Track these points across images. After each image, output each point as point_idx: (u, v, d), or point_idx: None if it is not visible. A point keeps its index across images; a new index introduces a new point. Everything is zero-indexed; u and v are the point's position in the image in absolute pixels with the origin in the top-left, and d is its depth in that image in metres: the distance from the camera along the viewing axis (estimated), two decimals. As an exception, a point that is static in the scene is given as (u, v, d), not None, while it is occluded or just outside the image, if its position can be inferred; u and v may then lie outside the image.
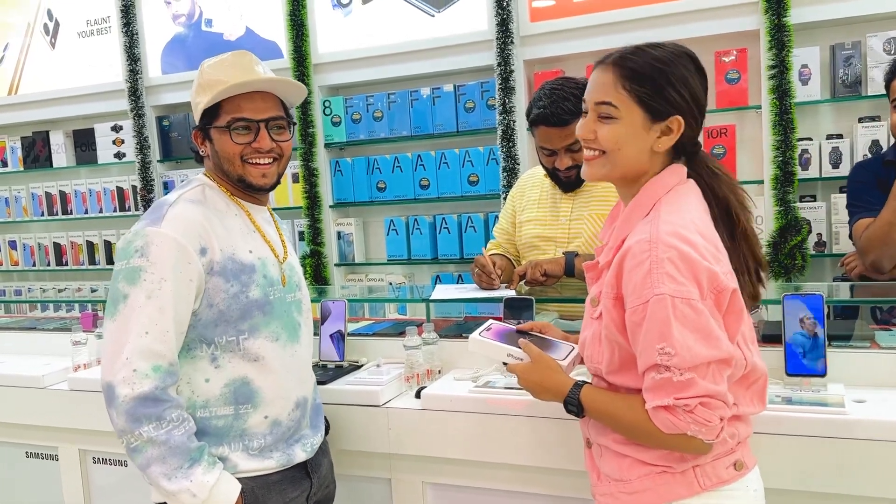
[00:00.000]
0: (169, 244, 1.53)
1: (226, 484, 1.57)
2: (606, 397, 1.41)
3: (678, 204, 1.36)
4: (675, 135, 1.38)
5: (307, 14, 4.08)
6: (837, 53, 3.25)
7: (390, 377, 2.09)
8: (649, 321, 1.28)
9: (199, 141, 1.71)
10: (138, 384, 1.48)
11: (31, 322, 3.31)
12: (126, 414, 1.48)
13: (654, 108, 1.37)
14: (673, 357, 1.26)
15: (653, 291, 1.27)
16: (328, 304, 2.32)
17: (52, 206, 4.95)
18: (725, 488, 1.36)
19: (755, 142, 3.43)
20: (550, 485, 1.86)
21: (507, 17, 3.65)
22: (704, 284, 1.27)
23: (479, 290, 2.39)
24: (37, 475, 2.61)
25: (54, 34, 4.83)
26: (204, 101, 1.63)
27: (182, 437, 1.51)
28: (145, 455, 1.50)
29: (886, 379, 1.81)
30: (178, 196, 1.63)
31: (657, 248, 1.28)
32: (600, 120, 1.40)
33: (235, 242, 1.63)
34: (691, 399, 1.26)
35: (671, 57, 1.38)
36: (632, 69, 1.38)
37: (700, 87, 1.40)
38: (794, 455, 1.62)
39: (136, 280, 1.51)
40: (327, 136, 4.16)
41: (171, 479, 1.49)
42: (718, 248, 1.34)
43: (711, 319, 1.27)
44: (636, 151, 1.39)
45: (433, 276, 4.10)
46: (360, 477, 2.08)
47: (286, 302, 1.71)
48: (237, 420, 1.63)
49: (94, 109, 4.70)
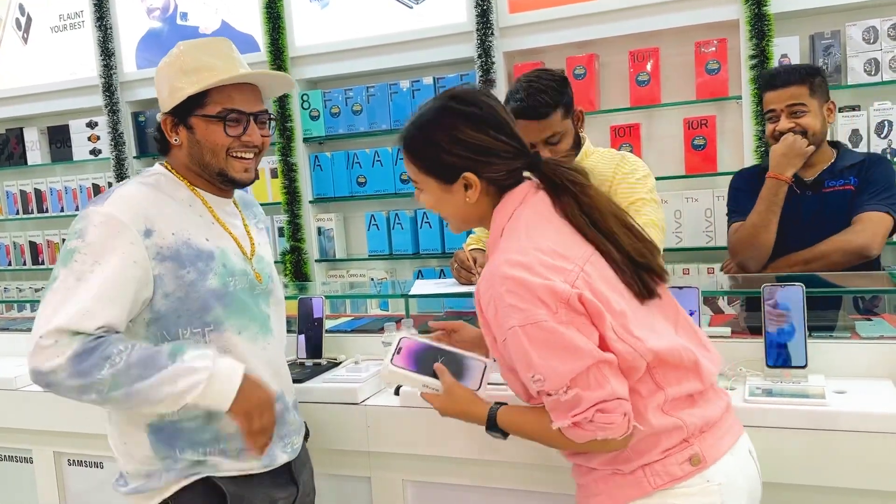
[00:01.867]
0: (108, 223, 1.45)
1: (227, 359, 1.49)
2: (520, 417, 1.43)
3: (515, 229, 1.38)
4: (476, 187, 1.41)
5: (283, 6, 4.02)
6: (817, 43, 3.24)
7: (369, 374, 2.07)
8: (514, 355, 1.31)
9: (169, 128, 1.60)
10: (66, 348, 1.38)
11: (6, 322, 3.27)
12: (74, 377, 1.38)
13: (440, 175, 1.42)
14: (545, 382, 1.29)
15: (505, 328, 1.30)
16: (306, 300, 2.29)
17: (27, 205, 4.87)
18: (680, 485, 1.33)
19: (736, 132, 3.42)
20: (530, 480, 1.85)
21: (486, 9, 3.61)
22: (549, 301, 1.28)
23: (459, 284, 2.37)
24: (11, 478, 2.57)
25: (26, 29, 4.75)
26: (189, 86, 1.53)
27: (141, 352, 1.41)
28: (122, 389, 1.39)
29: (867, 369, 1.81)
30: (130, 181, 1.58)
31: (494, 284, 1.31)
32: (417, 190, 1.50)
33: (190, 229, 1.55)
34: (586, 412, 1.28)
35: (434, 117, 1.43)
36: (409, 144, 1.46)
37: (477, 134, 1.39)
38: (775, 447, 1.61)
39: (68, 261, 1.43)
40: (306, 130, 4.11)
41: (161, 375, 1.39)
42: (564, 255, 1.33)
43: (567, 332, 1.27)
44: (454, 209, 1.46)
45: (415, 271, 4.08)
46: (339, 476, 2.06)
47: (253, 294, 1.64)
48: (210, 422, 1.55)
49: (68, 105, 4.62)
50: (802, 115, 2.34)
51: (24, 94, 4.72)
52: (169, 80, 1.57)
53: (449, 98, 1.44)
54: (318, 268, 4.22)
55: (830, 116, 2.41)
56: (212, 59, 1.55)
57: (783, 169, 2.34)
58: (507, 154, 1.41)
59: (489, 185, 1.42)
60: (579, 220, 1.38)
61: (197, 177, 1.63)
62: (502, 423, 1.44)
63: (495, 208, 1.43)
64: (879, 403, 1.63)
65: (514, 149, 1.42)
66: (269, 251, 1.79)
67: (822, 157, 2.42)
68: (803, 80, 2.35)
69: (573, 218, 1.39)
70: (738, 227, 2.44)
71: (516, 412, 1.44)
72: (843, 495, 1.62)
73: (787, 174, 2.34)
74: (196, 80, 1.53)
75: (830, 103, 2.40)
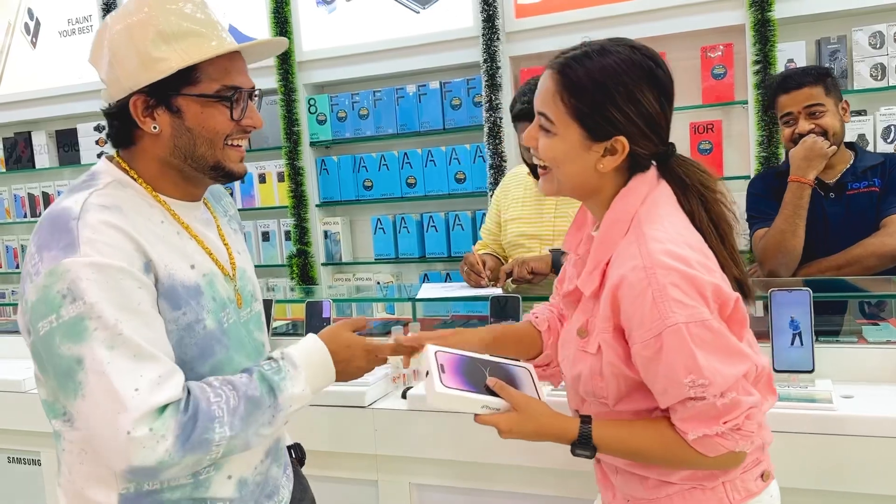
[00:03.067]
0: (103, 272, 1.11)
1: (298, 352, 1.29)
2: (624, 431, 1.27)
3: (657, 215, 1.24)
4: (619, 156, 1.25)
5: (291, 11, 4.04)
6: (823, 48, 3.25)
7: (376, 378, 2.07)
8: (668, 355, 1.16)
9: (140, 112, 1.22)
10: (166, 428, 1.11)
11: (13, 325, 3.28)
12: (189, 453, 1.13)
13: (592, 127, 1.23)
14: (708, 387, 1.16)
15: (664, 323, 1.16)
16: (313, 304, 2.30)
17: (34, 208, 4.89)
18: (753, 501, 1.30)
19: (742, 137, 3.42)
20: (538, 484, 1.85)
21: (492, 13, 3.62)
22: (710, 299, 1.18)
23: (466, 288, 2.38)
24: (19, 481, 2.58)
25: (35, 33, 4.78)
26: (176, 57, 1.19)
27: (244, 400, 1.19)
28: (238, 443, 1.19)
29: (874, 374, 1.81)
30: (83, 203, 1.17)
31: (655, 273, 1.16)
32: (541, 129, 1.28)
33: (171, 259, 1.22)
34: (738, 418, 1.19)
35: (621, 68, 1.22)
36: (572, 80, 1.23)
37: (654, 102, 1.23)
38: (782, 452, 1.60)
39: (83, 334, 1.09)
40: (312, 134, 4.13)
41: (275, 415, 1.22)
42: (707, 256, 1.23)
43: (727, 334, 1.19)
44: (578, 169, 1.27)
45: (421, 275, 4.08)
46: (346, 479, 2.06)
47: (241, 322, 1.35)
48: (197, 490, 1.26)
49: (76, 109, 4.64)
50: (822, 116, 2.32)
51: (32, 97, 4.74)
52: (139, 48, 1.19)
53: (639, 50, 1.25)
54: (324, 271, 4.23)
55: (846, 116, 2.37)
56: (193, 25, 1.22)
57: (805, 172, 2.30)
58: (664, 135, 1.27)
59: (628, 159, 1.26)
60: (707, 229, 1.26)
61: (171, 175, 1.28)
62: (599, 438, 1.26)
63: (623, 189, 1.27)
64: (887, 408, 1.63)
65: (667, 132, 1.28)
66: (249, 259, 1.46)
67: (841, 158, 2.39)
68: (817, 80, 2.33)
69: (700, 223, 1.26)
70: (764, 234, 2.39)
71: (616, 425, 1.28)
72: (851, 500, 1.61)
73: (809, 177, 2.30)
74: (184, 50, 1.19)
75: (844, 102, 2.38)
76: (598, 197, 1.31)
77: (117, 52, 1.21)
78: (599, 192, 1.30)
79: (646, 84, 1.23)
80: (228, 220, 1.46)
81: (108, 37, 1.23)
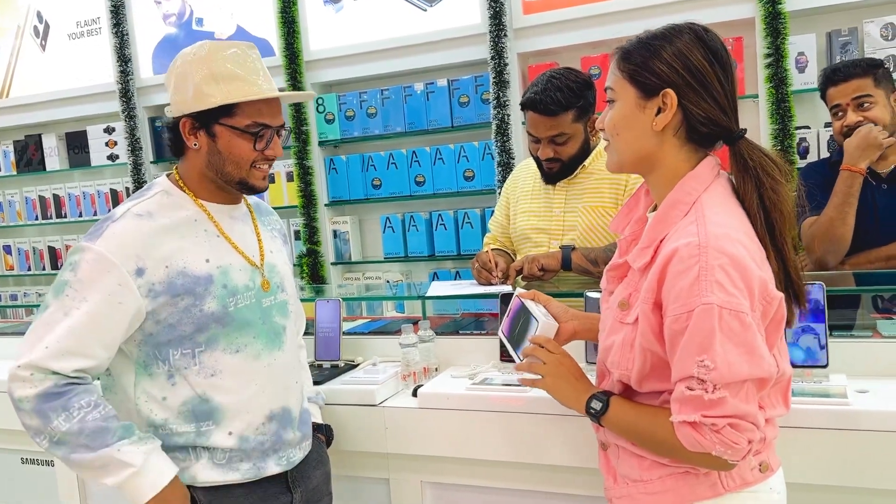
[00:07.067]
0: (99, 262, 1.46)
1: (163, 461, 1.51)
2: (633, 413, 1.34)
3: (722, 202, 1.28)
4: (669, 111, 1.29)
5: (298, 11, 4.04)
6: (834, 40, 3.22)
7: (387, 376, 2.07)
8: (692, 330, 1.19)
9: (187, 131, 1.56)
10: (39, 384, 1.44)
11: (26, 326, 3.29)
12: (33, 415, 1.44)
13: (642, 83, 1.31)
14: (711, 371, 1.17)
15: (700, 300, 1.17)
16: (323, 303, 2.29)
17: (45, 210, 4.92)
18: (748, 490, 1.32)
19: (753, 131, 3.36)
20: (550, 482, 1.84)
21: (500, 10, 3.61)
22: (756, 294, 1.19)
23: (475, 286, 2.37)
24: (33, 481, 2.59)
25: (44, 36, 4.80)
26: (220, 95, 1.51)
27: (97, 421, 1.46)
28: (65, 448, 1.45)
29: (889, 369, 1.79)
30: (126, 210, 1.54)
31: (707, 253, 1.18)
32: (608, 106, 1.38)
33: (188, 255, 1.54)
34: (719, 419, 1.19)
35: (666, 32, 1.33)
36: (626, 49, 1.35)
37: (703, 59, 1.29)
38: (797, 447, 1.59)
39: (60, 293, 1.47)
40: (321, 133, 4.13)
41: (98, 455, 1.45)
42: (761, 251, 1.26)
43: (758, 335, 1.20)
44: (635, 134, 1.33)
45: (430, 273, 4.08)
46: (357, 478, 2.06)
47: (262, 308, 1.63)
48: (199, 437, 1.56)
49: (86, 111, 4.67)
50: (870, 108, 2.31)
51: (42, 100, 4.77)
52: (195, 82, 1.53)
53: (693, 25, 1.34)
54: (333, 270, 4.24)
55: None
56: (238, 70, 1.53)
57: (857, 161, 2.29)
58: (718, 98, 1.30)
59: (682, 123, 1.31)
60: (755, 214, 1.28)
61: (209, 183, 1.62)
62: (614, 413, 1.35)
63: (690, 171, 1.31)
64: (902, 403, 1.61)
65: (728, 104, 1.32)
66: (284, 259, 1.76)
67: (894, 148, 2.36)
68: (866, 71, 2.32)
69: (749, 208, 1.29)
70: (813, 222, 2.38)
71: (631, 404, 1.36)
72: (866, 496, 1.60)
73: (861, 166, 2.29)
74: (228, 91, 1.52)
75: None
76: (659, 171, 1.35)
77: (179, 83, 1.56)
78: (660, 163, 1.34)
79: (693, 43, 1.30)
80: (270, 229, 1.76)
81: (176, 69, 1.57)
